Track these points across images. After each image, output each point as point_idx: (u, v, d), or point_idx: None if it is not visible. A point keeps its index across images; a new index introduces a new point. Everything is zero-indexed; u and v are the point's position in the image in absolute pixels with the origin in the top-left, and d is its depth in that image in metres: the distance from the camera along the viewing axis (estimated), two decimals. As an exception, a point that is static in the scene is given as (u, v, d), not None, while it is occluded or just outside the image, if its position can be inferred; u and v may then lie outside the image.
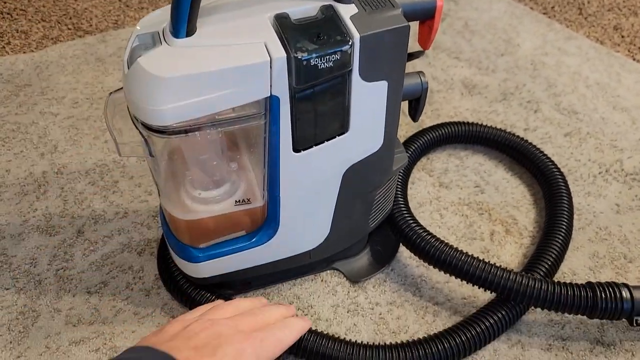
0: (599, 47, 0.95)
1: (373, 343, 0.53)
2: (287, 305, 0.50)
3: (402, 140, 0.73)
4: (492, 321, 0.53)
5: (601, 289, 0.52)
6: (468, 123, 0.74)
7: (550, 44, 0.96)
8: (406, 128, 0.79)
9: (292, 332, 0.46)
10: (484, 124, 0.75)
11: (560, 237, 0.60)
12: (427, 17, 0.48)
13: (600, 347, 0.54)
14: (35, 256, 0.61)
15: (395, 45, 0.44)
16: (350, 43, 0.41)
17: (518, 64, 0.91)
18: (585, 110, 0.82)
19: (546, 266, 0.57)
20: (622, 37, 0.99)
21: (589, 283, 0.53)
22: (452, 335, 0.52)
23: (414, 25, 0.48)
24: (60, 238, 0.63)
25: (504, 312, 0.53)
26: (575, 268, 0.61)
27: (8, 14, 1.02)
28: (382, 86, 0.46)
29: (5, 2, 1.05)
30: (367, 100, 0.46)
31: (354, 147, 0.49)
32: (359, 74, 0.43)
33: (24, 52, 0.93)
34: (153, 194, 0.68)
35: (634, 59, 0.93)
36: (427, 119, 0.81)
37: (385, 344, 0.52)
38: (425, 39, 0.49)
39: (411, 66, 0.90)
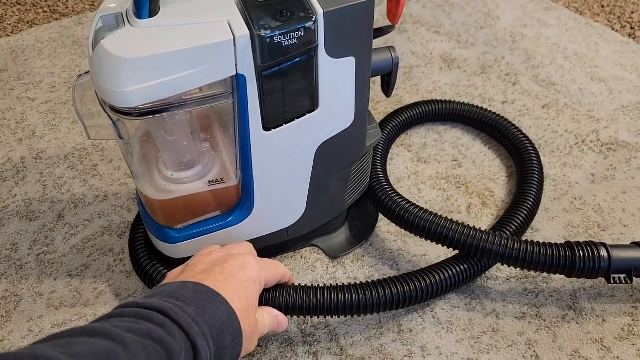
0: (578, 18, 0.95)
1: (331, 285, 0.52)
2: None
3: (379, 117, 0.74)
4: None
5: (579, 248, 0.52)
6: (437, 101, 0.74)
7: (530, 16, 0.95)
8: (385, 104, 0.79)
9: (282, 266, 0.50)
10: (460, 99, 0.75)
11: (528, 205, 0.60)
12: (394, -9, 0.48)
13: (572, 314, 0.56)
14: (16, 241, 0.62)
15: (360, 21, 0.44)
16: (313, 19, 0.40)
17: (497, 37, 0.91)
18: (563, 82, 0.82)
19: (511, 230, 0.58)
20: (602, 6, 0.99)
21: (568, 242, 0.53)
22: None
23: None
24: (40, 223, 0.64)
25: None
26: (551, 238, 0.62)
27: (-18, -2, 1.01)
28: (349, 62, 0.46)
29: (-22, -14, 1.03)
30: (335, 76, 0.46)
31: (324, 124, 0.49)
32: (325, 51, 0.43)
33: (0, 37, 0.92)
34: (131, 174, 0.69)
35: (612, 29, 0.93)
36: (407, 95, 0.81)
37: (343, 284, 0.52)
38: (394, 14, 0.49)
39: (390, 42, 0.90)
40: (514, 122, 0.75)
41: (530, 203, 0.61)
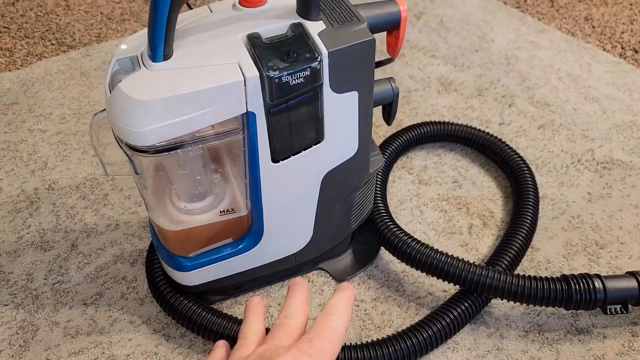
0: (570, 39, 0.98)
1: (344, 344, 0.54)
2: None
3: (380, 140, 0.76)
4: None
5: (575, 281, 0.54)
6: (434, 122, 0.76)
7: (523, 38, 0.98)
8: (386, 128, 0.82)
9: (339, 313, 0.37)
10: (458, 122, 0.78)
11: (522, 235, 0.62)
12: (393, 27, 0.50)
13: (574, 331, 0.57)
14: (32, 272, 0.63)
15: (362, 58, 0.46)
16: (318, 59, 0.43)
17: (492, 59, 0.94)
18: (557, 102, 0.85)
19: (507, 260, 0.60)
20: (593, 27, 1.02)
21: (563, 276, 0.56)
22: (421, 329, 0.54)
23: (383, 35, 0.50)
24: (54, 253, 0.65)
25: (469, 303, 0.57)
26: (550, 256, 0.64)
27: (-9, 32, 1.04)
28: (353, 96, 0.48)
29: (-13, 21, 1.07)
30: (340, 110, 0.48)
31: (330, 154, 0.51)
32: (330, 87, 0.46)
33: (10, 70, 0.94)
34: (142, 204, 0.71)
35: (604, 49, 0.96)
36: (406, 118, 0.83)
37: (352, 344, 0.54)
38: (393, 48, 0.52)
39: (389, 66, 0.93)
40: (511, 143, 0.77)
41: (526, 228, 0.63)
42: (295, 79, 0.43)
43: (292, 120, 0.46)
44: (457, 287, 0.59)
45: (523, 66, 0.92)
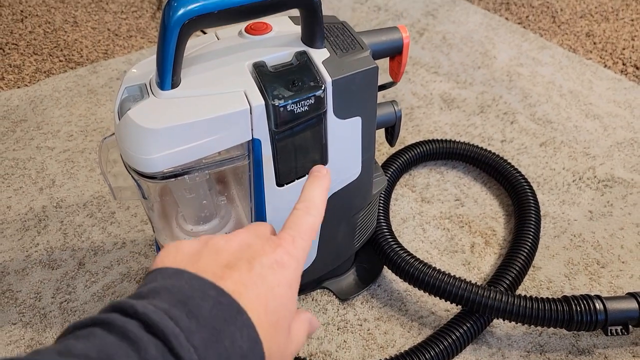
0: (572, 56, 0.99)
1: None
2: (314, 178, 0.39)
3: (382, 158, 0.77)
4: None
5: (576, 302, 0.55)
6: (438, 141, 0.77)
7: (525, 55, 0.99)
8: (388, 145, 0.82)
9: (318, 205, 0.37)
10: (461, 139, 0.78)
11: (523, 254, 0.63)
12: (395, 53, 0.51)
13: (575, 351, 0.58)
14: (40, 290, 0.64)
15: (365, 85, 0.47)
16: (323, 88, 0.44)
17: (494, 76, 0.95)
18: (559, 120, 0.86)
19: (509, 279, 0.60)
20: (594, 43, 1.03)
21: (565, 297, 0.56)
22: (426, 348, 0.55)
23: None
24: (62, 271, 0.66)
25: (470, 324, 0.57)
26: (551, 275, 0.65)
27: (0, 48, 1.05)
28: (356, 121, 0.49)
29: (-4, 37, 1.08)
30: (343, 135, 0.49)
31: (333, 177, 0.52)
32: (334, 113, 0.47)
33: (18, 87, 0.96)
34: (149, 223, 0.72)
35: (605, 66, 0.97)
36: (408, 135, 0.84)
37: None
38: (396, 73, 0.53)
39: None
40: (513, 160, 0.78)
41: (528, 247, 0.63)
42: (299, 107, 0.44)
43: (297, 146, 0.47)
44: (460, 306, 0.60)
45: (525, 83, 0.93)
